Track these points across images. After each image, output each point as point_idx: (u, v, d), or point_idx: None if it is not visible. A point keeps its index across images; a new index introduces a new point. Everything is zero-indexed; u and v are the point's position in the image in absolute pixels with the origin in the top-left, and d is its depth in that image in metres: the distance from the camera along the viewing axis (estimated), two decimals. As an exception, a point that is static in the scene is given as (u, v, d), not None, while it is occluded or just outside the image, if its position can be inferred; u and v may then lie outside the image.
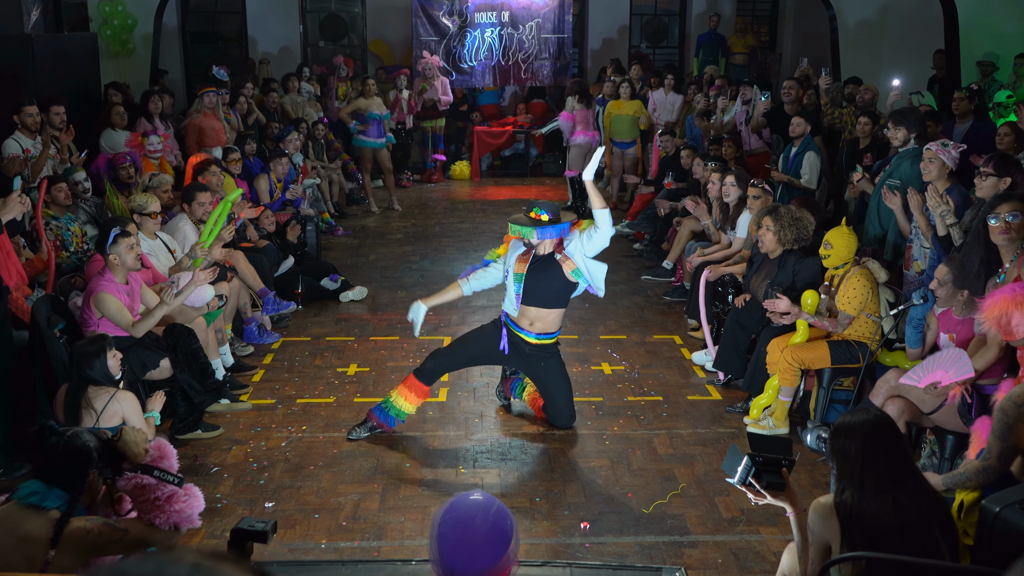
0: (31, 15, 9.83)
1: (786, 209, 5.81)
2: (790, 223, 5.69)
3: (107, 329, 5.07)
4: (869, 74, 10.86)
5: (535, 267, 5.21)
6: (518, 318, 5.30)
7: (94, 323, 5.11)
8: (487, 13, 13.40)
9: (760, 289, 5.85)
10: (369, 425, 5.36)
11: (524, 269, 5.22)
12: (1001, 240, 4.46)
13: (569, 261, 5.18)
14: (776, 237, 5.73)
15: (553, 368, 5.38)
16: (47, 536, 2.85)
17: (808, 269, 5.67)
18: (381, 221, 11.04)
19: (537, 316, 5.27)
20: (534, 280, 5.20)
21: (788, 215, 5.74)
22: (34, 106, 7.10)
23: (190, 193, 6.67)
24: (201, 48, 14.52)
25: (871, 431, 2.89)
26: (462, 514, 2.16)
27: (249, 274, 6.95)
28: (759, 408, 5.56)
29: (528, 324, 5.28)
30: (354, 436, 5.33)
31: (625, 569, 3.50)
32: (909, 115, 6.66)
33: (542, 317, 5.27)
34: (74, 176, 6.74)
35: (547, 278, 5.20)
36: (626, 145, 11.32)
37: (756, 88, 10.09)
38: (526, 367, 5.43)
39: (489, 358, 5.48)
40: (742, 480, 3.07)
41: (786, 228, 5.69)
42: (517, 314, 5.28)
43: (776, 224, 5.71)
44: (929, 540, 2.79)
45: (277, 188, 8.64)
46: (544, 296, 5.23)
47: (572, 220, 5.29)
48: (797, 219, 5.72)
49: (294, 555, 4.19)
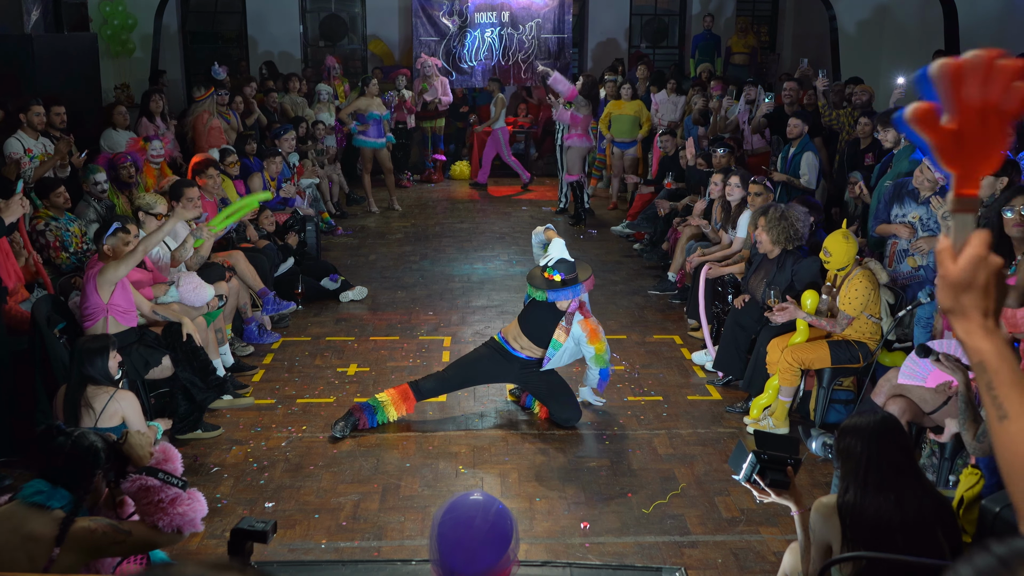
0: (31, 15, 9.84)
1: (775, 208, 5.80)
2: (776, 222, 5.67)
3: (116, 315, 5.07)
4: (869, 74, 10.85)
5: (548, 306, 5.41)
6: (508, 336, 5.52)
7: (101, 311, 5.07)
8: (487, 13, 13.39)
9: (758, 289, 5.85)
10: (353, 420, 5.41)
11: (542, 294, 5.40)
12: (1016, 232, 4.46)
13: (563, 334, 5.38)
14: (769, 236, 5.73)
15: (544, 379, 5.51)
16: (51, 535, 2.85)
17: (807, 269, 5.66)
18: (381, 221, 11.04)
19: (526, 343, 5.47)
20: (540, 315, 5.43)
21: (773, 215, 5.72)
22: (40, 105, 7.12)
23: (178, 189, 6.66)
24: (201, 48, 14.51)
25: (878, 432, 2.90)
26: (462, 514, 2.16)
27: (249, 274, 6.95)
28: (759, 408, 5.56)
29: (513, 340, 5.50)
30: (338, 434, 5.35)
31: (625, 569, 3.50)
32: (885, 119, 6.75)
33: (528, 345, 5.48)
34: (95, 176, 6.82)
35: (550, 325, 5.41)
36: (626, 145, 11.32)
37: (760, 88, 10.09)
38: (520, 381, 5.60)
39: (487, 377, 5.63)
40: (747, 477, 3.08)
41: (772, 228, 5.67)
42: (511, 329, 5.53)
43: (766, 224, 5.71)
44: (931, 540, 2.80)
45: (271, 186, 8.65)
46: (539, 336, 5.44)
47: (588, 276, 5.45)
48: (781, 218, 5.68)
49: (294, 555, 4.19)
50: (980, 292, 1.29)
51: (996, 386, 1.27)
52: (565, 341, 5.38)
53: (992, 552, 0.97)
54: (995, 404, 1.26)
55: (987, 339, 1.29)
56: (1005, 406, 1.25)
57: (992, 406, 1.27)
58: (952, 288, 1.30)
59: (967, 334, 1.30)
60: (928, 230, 5.74)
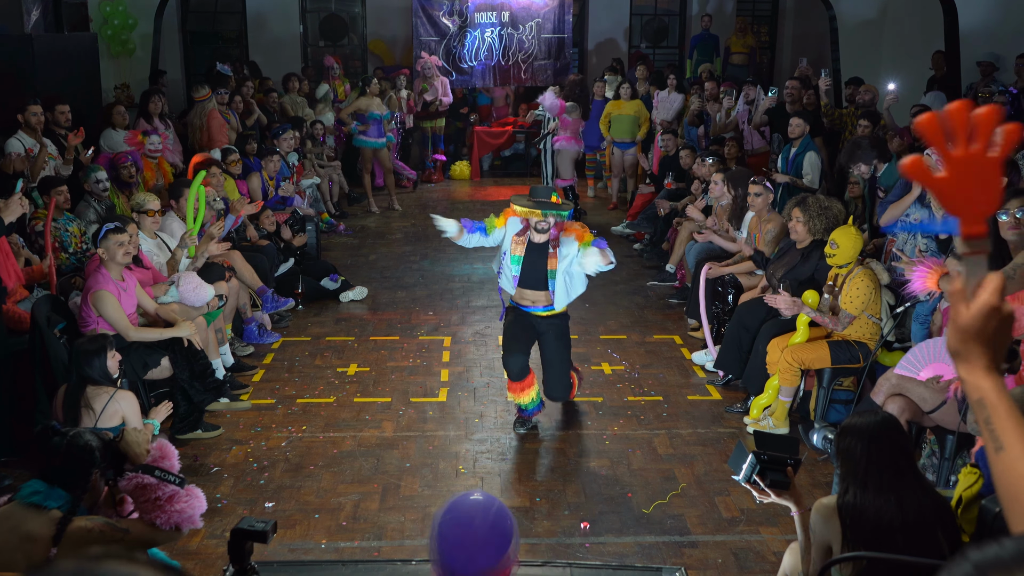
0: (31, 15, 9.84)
1: (814, 199, 5.81)
2: (819, 212, 5.67)
3: (106, 328, 5.07)
4: (869, 74, 10.86)
5: (530, 251, 5.37)
6: (518, 299, 5.47)
7: (93, 321, 5.11)
8: (487, 13, 13.38)
9: (775, 276, 5.85)
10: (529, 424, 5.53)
11: (522, 252, 5.37)
12: (1010, 235, 4.46)
13: (554, 260, 5.31)
14: (806, 227, 5.71)
15: (555, 338, 5.47)
16: (49, 535, 2.86)
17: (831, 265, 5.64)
18: (381, 221, 11.04)
19: (534, 297, 5.44)
20: (529, 264, 5.37)
21: (816, 204, 5.72)
22: (38, 105, 7.11)
23: (178, 189, 6.67)
24: (201, 48, 14.51)
25: (878, 432, 2.90)
26: (462, 514, 2.16)
27: (247, 272, 6.95)
28: (759, 408, 5.56)
29: (530, 303, 5.45)
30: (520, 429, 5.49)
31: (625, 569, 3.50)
32: (857, 151, 6.77)
33: (538, 297, 5.44)
34: (96, 175, 6.81)
35: (540, 264, 5.37)
36: (626, 145, 11.31)
37: (759, 87, 10.10)
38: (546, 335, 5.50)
39: (530, 342, 5.53)
40: (746, 478, 3.07)
41: (815, 217, 5.66)
42: (515, 294, 5.46)
43: (805, 214, 5.70)
44: (931, 540, 2.80)
45: (270, 185, 8.65)
46: (537, 280, 5.40)
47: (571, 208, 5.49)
48: (826, 208, 5.68)
49: (294, 555, 4.19)
50: (988, 340, 1.35)
51: (994, 420, 1.35)
52: (558, 265, 5.31)
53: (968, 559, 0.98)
54: (992, 437, 1.35)
55: (988, 378, 1.36)
56: (1002, 439, 1.34)
57: (990, 439, 1.35)
58: (962, 333, 1.36)
59: (968, 373, 1.37)
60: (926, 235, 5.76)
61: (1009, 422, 1.33)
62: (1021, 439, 1.32)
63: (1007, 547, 0.98)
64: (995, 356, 1.36)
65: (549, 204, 5.22)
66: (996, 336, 1.35)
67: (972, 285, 1.36)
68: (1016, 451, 1.31)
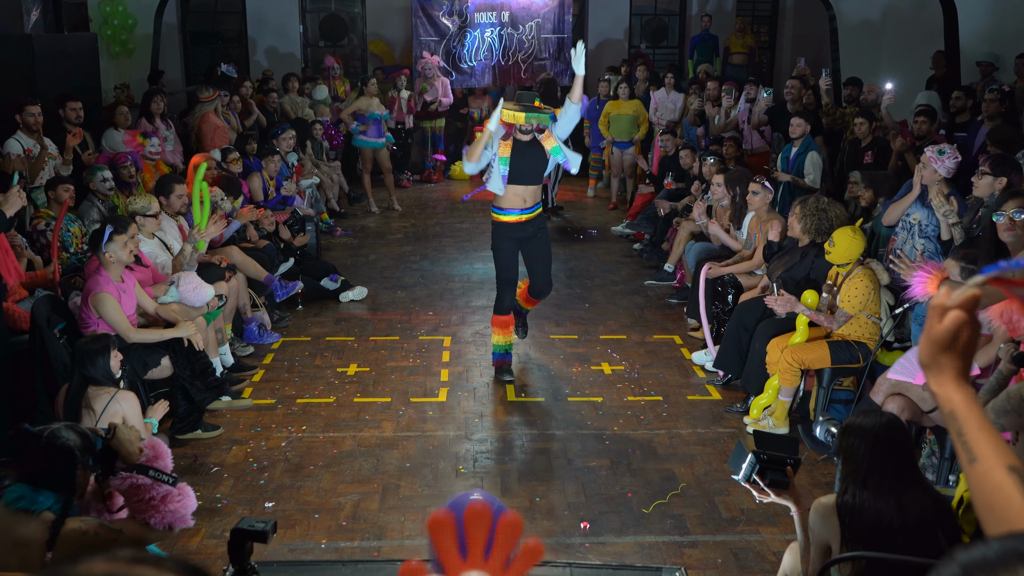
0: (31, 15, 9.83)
1: (815, 199, 5.82)
2: (812, 212, 5.68)
3: (106, 329, 5.07)
4: (868, 74, 10.86)
5: (517, 150, 5.85)
6: (507, 203, 5.97)
7: (93, 323, 5.11)
8: (487, 13, 13.37)
9: (774, 274, 5.85)
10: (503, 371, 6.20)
11: (508, 152, 5.85)
12: (1007, 237, 4.46)
13: (551, 139, 5.88)
14: (800, 225, 5.73)
15: (542, 239, 6.14)
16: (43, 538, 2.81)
17: (828, 266, 5.65)
18: (381, 221, 11.04)
19: (523, 192, 5.95)
20: (517, 161, 5.85)
21: (813, 204, 5.73)
22: (36, 106, 7.10)
23: (167, 185, 6.65)
24: (201, 48, 14.51)
25: (881, 433, 2.90)
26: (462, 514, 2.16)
27: (250, 265, 6.95)
28: (759, 408, 5.56)
29: (521, 202, 5.97)
30: (504, 378, 6.16)
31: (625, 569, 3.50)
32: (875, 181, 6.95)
33: (527, 195, 5.98)
34: (102, 174, 6.82)
35: (530, 158, 5.88)
36: (625, 145, 11.32)
37: (760, 86, 10.09)
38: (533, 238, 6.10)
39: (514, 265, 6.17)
40: (746, 477, 3.07)
41: (807, 217, 5.68)
42: (503, 193, 5.92)
43: (801, 212, 5.72)
44: (931, 541, 2.79)
45: (270, 185, 8.65)
46: (527, 174, 5.92)
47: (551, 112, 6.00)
48: (821, 210, 5.69)
49: (294, 555, 4.19)
50: (959, 354, 1.38)
51: (966, 432, 1.37)
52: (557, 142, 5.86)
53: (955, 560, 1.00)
54: (965, 449, 1.37)
55: (958, 390, 1.39)
56: (974, 450, 1.36)
57: (963, 451, 1.37)
58: (932, 346, 1.39)
59: (939, 386, 1.40)
60: (924, 236, 5.76)
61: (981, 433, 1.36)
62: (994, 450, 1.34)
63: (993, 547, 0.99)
64: (965, 368, 1.39)
65: (532, 108, 5.85)
66: (966, 349, 1.38)
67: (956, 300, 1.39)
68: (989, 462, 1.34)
